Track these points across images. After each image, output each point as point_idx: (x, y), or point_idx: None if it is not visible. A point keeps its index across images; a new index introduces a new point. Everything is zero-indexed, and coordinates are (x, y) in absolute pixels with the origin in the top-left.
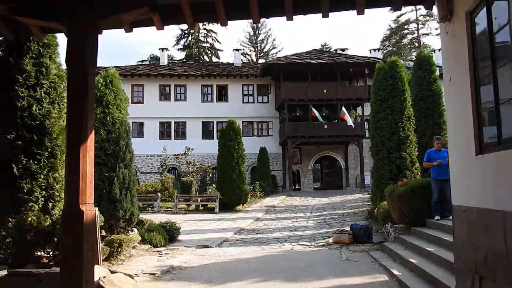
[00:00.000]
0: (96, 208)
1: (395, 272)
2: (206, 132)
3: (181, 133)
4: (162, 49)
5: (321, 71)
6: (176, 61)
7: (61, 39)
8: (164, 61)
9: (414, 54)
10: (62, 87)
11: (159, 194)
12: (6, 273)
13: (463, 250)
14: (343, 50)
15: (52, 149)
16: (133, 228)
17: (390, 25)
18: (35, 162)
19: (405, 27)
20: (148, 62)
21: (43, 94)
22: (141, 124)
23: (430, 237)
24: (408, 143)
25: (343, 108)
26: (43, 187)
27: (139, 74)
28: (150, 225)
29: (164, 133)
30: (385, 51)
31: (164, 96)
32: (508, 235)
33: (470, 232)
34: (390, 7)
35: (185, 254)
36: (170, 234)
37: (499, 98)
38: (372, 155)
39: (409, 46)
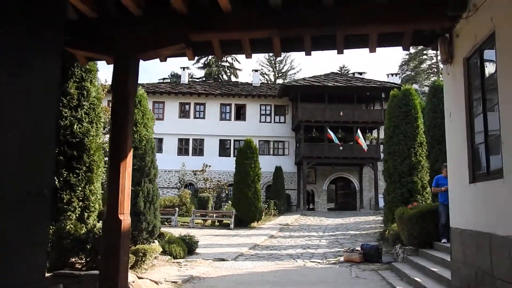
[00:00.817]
0: None
1: None
2: (223, 150)
3: (199, 150)
4: (183, 68)
5: (338, 93)
6: (196, 79)
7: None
8: (184, 79)
9: (433, 79)
10: (100, 108)
11: (177, 208)
12: (51, 274)
13: (459, 268)
14: (360, 73)
15: (90, 164)
16: (155, 240)
17: (409, 51)
18: (74, 176)
19: (424, 52)
20: (169, 80)
21: (83, 114)
22: (160, 140)
23: (436, 258)
24: (419, 168)
25: (359, 132)
26: (80, 198)
27: (161, 92)
28: (170, 238)
29: (183, 149)
30: (403, 75)
31: (184, 113)
32: (493, 255)
33: (465, 252)
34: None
35: (203, 266)
36: (188, 247)
37: (488, 135)
38: (385, 179)
39: (427, 71)
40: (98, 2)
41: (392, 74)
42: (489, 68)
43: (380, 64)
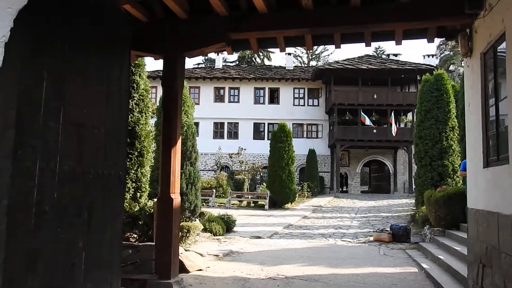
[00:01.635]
0: None
1: (424, 266)
2: (257, 133)
3: (233, 133)
4: (217, 53)
5: (372, 76)
6: (229, 63)
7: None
8: (219, 63)
9: None
10: (148, 99)
11: (214, 190)
12: None
13: (474, 245)
14: (395, 55)
15: (141, 149)
16: (196, 219)
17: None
18: (128, 160)
19: None
20: (203, 65)
21: (134, 105)
22: (196, 124)
23: (460, 238)
24: (451, 152)
25: (392, 114)
26: (133, 180)
27: (196, 77)
28: (210, 217)
29: (218, 133)
30: (441, 55)
31: (219, 97)
32: (500, 232)
33: (478, 230)
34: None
35: (241, 243)
36: (227, 225)
37: (499, 125)
38: (415, 162)
39: None
40: (148, 8)
41: (428, 55)
42: (502, 64)
43: (417, 45)
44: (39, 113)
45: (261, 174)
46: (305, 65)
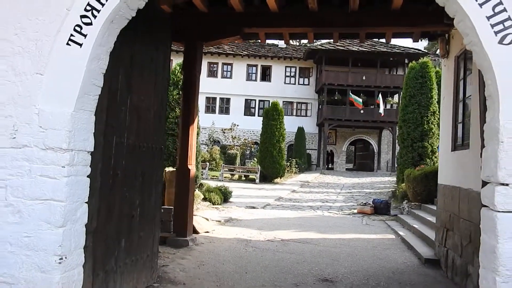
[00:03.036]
0: None
1: (401, 233)
2: (248, 109)
3: (225, 109)
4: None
5: (362, 58)
6: None
7: None
8: None
9: None
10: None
11: (207, 163)
12: None
13: (440, 213)
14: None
15: None
16: (195, 189)
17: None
18: None
19: None
20: None
21: None
22: None
23: (433, 211)
24: (431, 134)
25: (380, 95)
26: None
27: None
28: (209, 188)
29: (210, 107)
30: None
31: (212, 73)
32: (460, 202)
33: (445, 201)
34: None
35: (238, 211)
36: (224, 196)
37: (465, 118)
38: (398, 143)
39: None
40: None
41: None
42: (471, 67)
43: None
44: (116, 100)
45: (252, 149)
46: (298, 44)
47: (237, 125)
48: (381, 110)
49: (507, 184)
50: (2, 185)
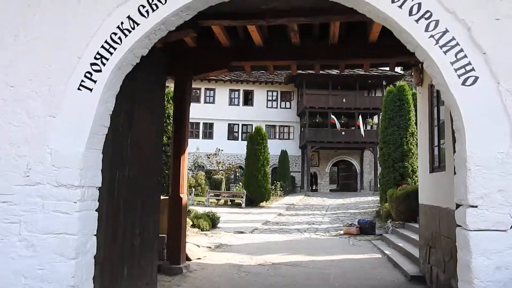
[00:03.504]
0: None
1: (387, 252)
2: (232, 133)
3: (208, 134)
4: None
5: (341, 81)
6: None
7: None
8: None
9: None
10: None
11: (193, 188)
12: None
13: (423, 232)
14: None
15: None
16: None
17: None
18: None
19: None
20: None
21: None
22: None
23: (416, 229)
24: (410, 155)
25: (360, 117)
26: None
27: None
28: (196, 214)
29: (193, 132)
30: None
31: (195, 98)
32: (440, 221)
33: (426, 219)
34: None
35: (227, 237)
36: (212, 222)
37: (440, 142)
38: (380, 164)
39: None
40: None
41: None
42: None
43: None
44: (119, 136)
45: (237, 173)
46: None
47: (222, 150)
48: (362, 132)
49: (476, 206)
50: (16, 221)
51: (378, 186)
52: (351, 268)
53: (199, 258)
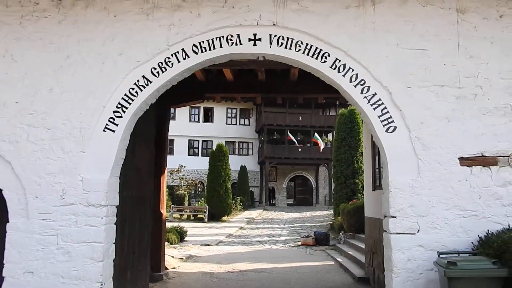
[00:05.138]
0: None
1: (339, 259)
2: (192, 149)
3: (169, 150)
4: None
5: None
6: None
7: None
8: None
9: None
10: None
11: None
12: None
13: (368, 240)
14: None
15: None
16: None
17: None
18: None
19: None
20: None
21: None
22: None
23: (364, 239)
24: (360, 172)
25: (316, 134)
26: None
27: None
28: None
29: None
30: None
31: None
32: (380, 230)
33: (369, 230)
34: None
35: (195, 249)
36: (180, 235)
37: (379, 165)
38: (333, 181)
39: None
40: None
41: None
42: None
43: None
44: (126, 164)
45: (199, 189)
46: None
47: (184, 166)
48: (322, 145)
49: (395, 217)
50: (54, 234)
51: (332, 200)
52: (309, 273)
53: (174, 268)
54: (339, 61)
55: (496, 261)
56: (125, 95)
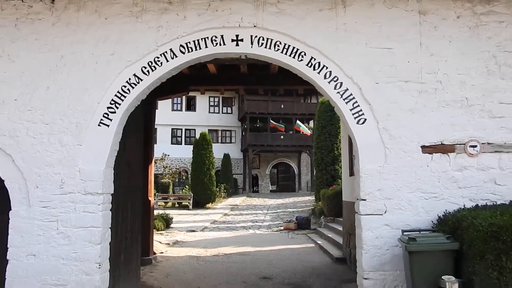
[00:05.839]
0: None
1: (319, 242)
2: (175, 138)
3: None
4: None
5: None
6: None
7: None
8: None
9: None
10: None
11: None
12: None
13: (345, 223)
14: None
15: None
16: None
17: None
18: None
19: None
20: None
21: None
22: None
23: (342, 222)
24: (340, 159)
25: (298, 121)
26: None
27: None
28: None
29: None
30: None
31: None
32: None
33: (347, 213)
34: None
35: (181, 235)
36: (166, 222)
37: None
38: (314, 167)
39: None
40: None
41: None
42: None
43: None
44: (119, 156)
45: (184, 177)
46: None
47: (168, 155)
48: (307, 131)
49: (365, 200)
50: (54, 220)
51: (314, 186)
52: (290, 255)
53: (162, 252)
54: (315, 59)
55: (450, 236)
56: (118, 92)
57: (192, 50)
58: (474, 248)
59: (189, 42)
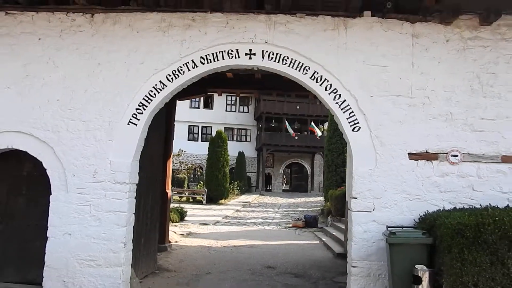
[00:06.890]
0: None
1: (324, 239)
2: (192, 135)
3: None
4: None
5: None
6: None
7: None
8: None
9: None
10: None
11: None
12: None
13: (347, 221)
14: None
15: None
16: None
17: None
18: None
19: None
20: None
21: None
22: None
23: (345, 220)
24: None
25: (312, 123)
26: None
27: None
28: None
29: None
30: None
31: None
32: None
33: None
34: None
35: (194, 227)
36: (180, 215)
37: None
38: (325, 169)
39: None
40: None
41: None
42: None
43: None
44: (143, 151)
45: (198, 173)
46: None
47: (184, 151)
48: (318, 133)
49: (356, 198)
50: (87, 204)
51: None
52: (295, 249)
53: (176, 242)
54: (317, 73)
55: (425, 232)
56: (146, 96)
57: (210, 62)
58: (444, 243)
59: (208, 55)
